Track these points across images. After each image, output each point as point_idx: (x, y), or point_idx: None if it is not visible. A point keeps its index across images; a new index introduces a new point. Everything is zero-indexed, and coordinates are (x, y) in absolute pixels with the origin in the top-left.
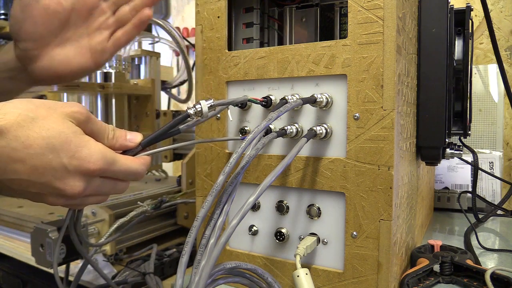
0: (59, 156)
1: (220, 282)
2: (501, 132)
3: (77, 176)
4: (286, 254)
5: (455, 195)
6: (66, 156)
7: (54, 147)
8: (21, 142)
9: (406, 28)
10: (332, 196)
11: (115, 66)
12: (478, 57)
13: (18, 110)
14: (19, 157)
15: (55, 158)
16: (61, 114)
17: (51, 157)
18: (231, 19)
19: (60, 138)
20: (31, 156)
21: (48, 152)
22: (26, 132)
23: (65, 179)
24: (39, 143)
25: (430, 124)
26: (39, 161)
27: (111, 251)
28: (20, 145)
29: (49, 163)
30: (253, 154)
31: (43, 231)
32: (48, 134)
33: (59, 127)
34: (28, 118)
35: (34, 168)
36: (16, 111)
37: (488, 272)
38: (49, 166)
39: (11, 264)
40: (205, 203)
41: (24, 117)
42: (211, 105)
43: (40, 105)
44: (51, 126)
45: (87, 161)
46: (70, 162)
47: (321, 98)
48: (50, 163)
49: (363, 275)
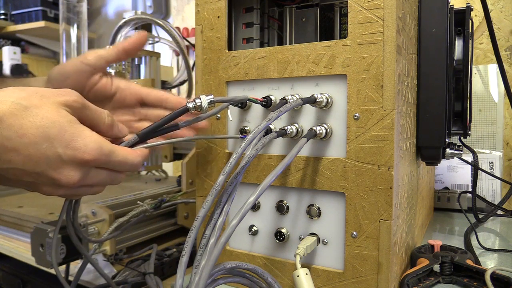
0: (53, 146)
1: (220, 282)
2: (501, 132)
3: (72, 166)
4: (286, 254)
5: (455, 195)
6: (60, 145)
7: (49, 137)
8: (14, 131)
9: (406, 28)
10: (332, 196)
11: (115, 66)
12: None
13: (11, 99)
14: (13, 147)
15: (50, 148)
16: (54, 103)
17: (46, 146)
18: (231, 19)
19: (54, 127)
20: (25, 145)
21: (43, 142)
22: (19, 121)
23: (60, 168)
24: (33, 132)
25: (430, 124)
26: (33, 151)
27: (111, 251)
28: (14, 134)
29: (43, 153)
30: (253, 154)
31: (43, 231)
32: (42, 123)
33: (53, 116)
34: (22, 107)
35: (28, 157)
36: (9, 100)
37: (488, 272)
38: (43, 156)
39: (11, 264)
40: (205, 203)
41: (17, 105)
42: (211, 101)
43: (33, 93)
44: (45, 115)
45: (82, 151)
46: (65, 152)
47: (321, 98)
48: (45, 153)
49: (363, 275)
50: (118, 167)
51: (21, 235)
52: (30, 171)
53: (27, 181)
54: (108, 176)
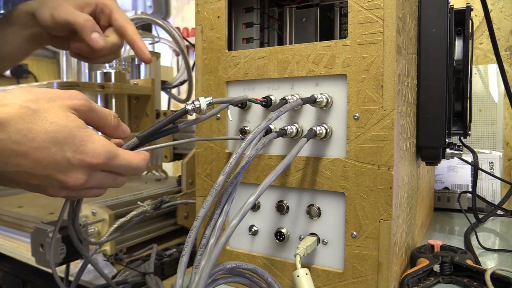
0: (63, 150)
1: (220, 282)
2: (501, 132)
3: (80, 169)
4: (286, 254)
5: (455, 195)
6: (70, 150)
7: (58, 141)
8: (23, 135)
9: (406, 28)
10: (332, 196)
11: (115, 66)
12: (478, 57)
13: (19, 102)
14: (21, 151)
15: (59, 152)
16: (62, 106)
17: (55, 150)
18: (231, 19)
19: (64, 132)
20: (34, 150)
21: (52, 146)
22: (28, 125)
23: (68, 171)
24: (43, 136)
25: (430, 124)
26: (42, 155)
27: (111, 251)
28: (23, 138)
29: (52, 157)
30: (253, 154)
31: (43, 231)
32: (52, 128)
33: (62, 120)
34: (30, 110)
35: (37, 161)
36: (16, 103)
37: (488, 272)
38: (52, 160)
39: (11, 264)
40: (205, 203)
41: (25, 109)
42: (209, 102)
43: (40, 96)
44: (54, 119)
45: (90, 155)
46: (74, 156)
47: (321, 98)
48: (54, 157)
49: (363, 275)
50: (123, 170)
51: (21, 235)
52: (38, 174)
53: (34, 184)
54: (112, 179)
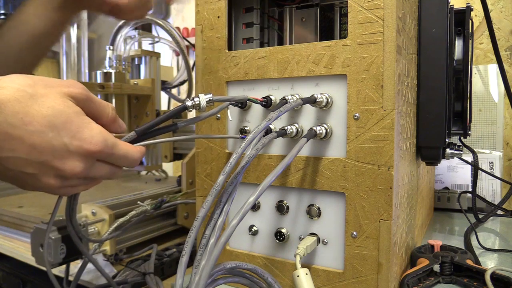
0: (59, 135)
1: (220, 282)
2: (501, 132)
3: (77, 157)
4: (286, 254)
5: (455, 195)
6: (67, 135)
7: (55, 126)
8: (19, 119)
9: (406, 28)
10: (332, 196)
11: (115, 66)
12: (478, 57)
13: (16, 85)
14: (17, 134)
15: (56, 137)
16: (60, 93)
17: (52, 135)
18: (231, 19)
19: (61, 117)
20: (30, 134)
21: (49, 131)
22: (25, 109)
23: (64, 158)
24: (39, 120)
25: (430, 124)
26: (39, 139)
27: (111, 251)
28: (19, 122)
29: (49, 142)
30: (253, 154)
31: (43, 231)
32: (49, 112)
33: (59, 106)
34: (27, 94)
35: (33, 146)
36: (13, 86)
37: (488, 272)
38: (49, 145)
39: (11, 264)
40: (205, 203)
41: (23, 92)
42: (209, 99)
43: (38, 82)
44: (51, 104)
45: (88, 142)
46: (71, 142)
47: (321, 98)
48: (50, 142)
49: (363, 275)
50: (119, 161)
51: (21, 235)
52: (33, 160)
53: (28, 173)
54: (107, 169)
